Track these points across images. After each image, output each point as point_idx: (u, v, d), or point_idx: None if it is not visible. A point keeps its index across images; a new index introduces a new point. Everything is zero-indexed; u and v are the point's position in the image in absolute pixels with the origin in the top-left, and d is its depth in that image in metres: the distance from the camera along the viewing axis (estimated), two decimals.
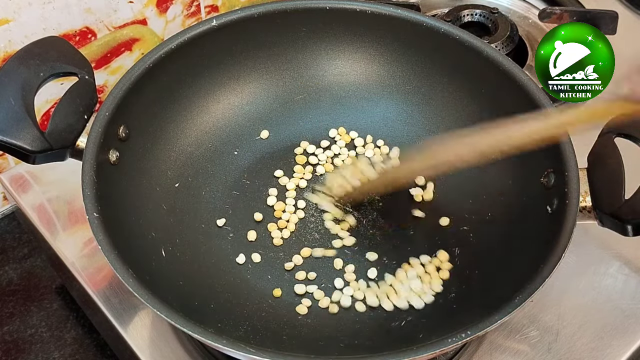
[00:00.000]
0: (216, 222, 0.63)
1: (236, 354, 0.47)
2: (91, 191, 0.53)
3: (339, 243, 0.63)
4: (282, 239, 0.63)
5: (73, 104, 0.57)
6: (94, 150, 0.55)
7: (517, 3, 0.85)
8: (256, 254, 0.62)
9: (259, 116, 0.69)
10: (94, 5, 0.73)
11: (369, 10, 0.66)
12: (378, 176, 0.64)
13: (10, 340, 0.72)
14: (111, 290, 0.63)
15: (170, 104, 0.65)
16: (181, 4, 0.80)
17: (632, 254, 0.66)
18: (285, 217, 0.64)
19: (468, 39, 0.64)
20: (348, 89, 0.70)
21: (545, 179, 0.57)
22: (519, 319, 0.61)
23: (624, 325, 0.61)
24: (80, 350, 0.72)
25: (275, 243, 0.63)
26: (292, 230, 0.64)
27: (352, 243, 0.62)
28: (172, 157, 0.65)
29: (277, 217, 0.64)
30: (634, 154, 0.54)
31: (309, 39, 0.69)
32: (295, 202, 0.65)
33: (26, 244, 0.79)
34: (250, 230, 0.63)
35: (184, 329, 0.47)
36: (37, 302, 0.75)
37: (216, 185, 0.66)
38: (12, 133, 0.54)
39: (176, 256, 0.59)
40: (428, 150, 0.58)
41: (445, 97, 0.67)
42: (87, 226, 0.51)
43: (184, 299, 0.56)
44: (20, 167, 0.72)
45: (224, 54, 0.67)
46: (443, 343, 0.47)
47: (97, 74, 0.65)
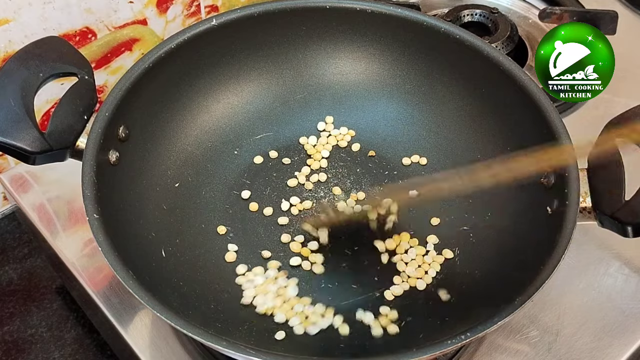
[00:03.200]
0: (216, 221, 0.63)
1: (236, 355, 0.47)
2: (91, 192, 0.53)
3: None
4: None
5: (73, 104, 0.57)
6: (94, 151, 0.55)
7: (517, 3, 0.85)
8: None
9: (259, 116, 0.69)
10: (94, 5, 0.73)
11: (369, 9, 0.66)
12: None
13: (10, 340, 0.72)
14: (111, 290, 0.63)
15: (170, 104, 0.65)
16: (181, 4, 0.80)
17: (632, 254, 0.66)
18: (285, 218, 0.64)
19: (468, 38, 0.64)
20: (348, 88, 0.70)
21: (545, 180, 0.57)
22: (519, 319, 0.61)
23: (624, 325, 0.62)
24: (80, 350, 0.72)
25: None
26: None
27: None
28: (172, 157, 0.65)
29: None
30: (634, 155, 0.54)
31: (309, 39, 0.69)
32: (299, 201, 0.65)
33: (26, 244, 0.79)
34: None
35: (184, 330, 0.47)
36: (37, 302, 0.75)
37: (216, 185, 0.66)
38: (12, 134, 0.54)
39: (176, 256, 0.59)
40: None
41: (445, 97, 0.67)
42: (87, 226, 0.51)
43: (184, 299, 0.56)
44: (20, 167, 0.72)
45: (224, 54, 0.67)
46: (443, 344, 0.47)
47: (97, 74, 0.66)
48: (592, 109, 0.76)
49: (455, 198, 0.65)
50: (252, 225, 0.64)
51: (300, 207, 0.65)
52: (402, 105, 0.69)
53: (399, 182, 0.66)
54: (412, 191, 0.65)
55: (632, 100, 0.58)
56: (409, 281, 0.60)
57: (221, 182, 0.66)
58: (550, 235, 0.52)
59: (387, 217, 0.63)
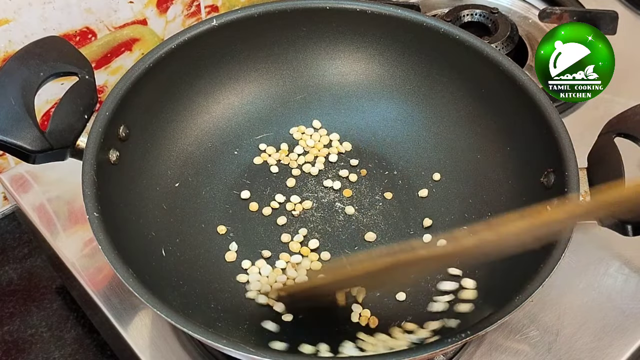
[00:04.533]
0: (216, 221, 0.63)
1: (236, 354, 0.47)
2: (91, 191, 0.53)
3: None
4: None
5: (73, 104, 0.57)
6: (94, 150, 0.55)
7: (517, 3, 0.85)
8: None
9: (259, 116, 0.69)
10: (94, 5, 0.73)
11: (369, 10, 0.66)
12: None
13: (10, 340, 0.72)
14: (111, 290, 0.63)
15: (170, 104, 0.65)
16: (181, 4, 0.80)
17: (632, 254, 0.66)
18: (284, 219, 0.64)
19: (468, 38, 0.64)
20: (348, 88, 0.70)
21: (545, 179, 0.57)
22: (519, 319, 0.61)
23: (624, 325, 0.61)
24: (80, 350, 0.72)
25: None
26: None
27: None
28: (172, 156, 0.65)
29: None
30: (634, 154, 0.54)
31: (309, 39, 0.69)
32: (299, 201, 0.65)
33: (26, 244, 0.79)
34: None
35: (184, 328, 0.47)
36: (37, 302, 0.75)
37: (216, 185, 0.66)
38: (13, 133, 0.54)
39: (176, 256, 0.59)
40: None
41: (445, 97, 0.67)
42: (87, 226, 0.51)
43: (183, 298, 0.56)
44: (20, 167, 0.72)
45: (224, 54, 0.67)
46: (443, 343, 0.47)
47: (97, 74, 0.65)
48: (592, 109, 0.76)
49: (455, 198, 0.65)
50: (252, 225, 0.64)
51: (300, 207, 0.65)
52: (402, 105, 0.69)
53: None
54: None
55: (632, 100, 0.58)
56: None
57: (221, 182, 0.66)
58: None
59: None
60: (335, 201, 0.66)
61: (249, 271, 0.61)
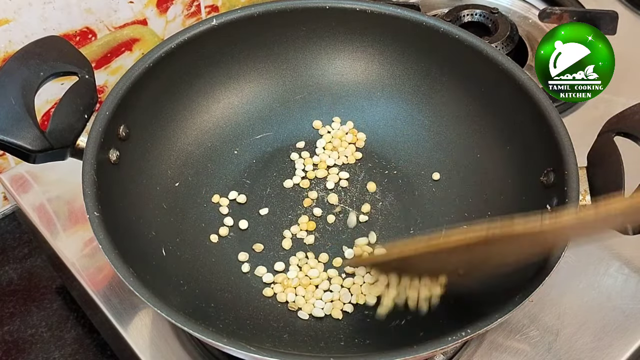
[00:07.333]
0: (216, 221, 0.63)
1: (237, 353, 0.47)
2: (91, 190, 0.53)
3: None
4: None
5: (73, 104, 0.57)
6: (94, 150, 0.55)
7: (517, 3, 0.85)
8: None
9: (259, 116, 0.69)
10: (94, 5, 0.73)
11: (368, 9, 0.66)
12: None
13: (10, 340, 0.72)
14: (111, 290, 0.63)
15: (170, 104, 0.65)
16: (181, 4, 0.80)
17: (632, 254, 0.66)
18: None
19: (468, 38, 0.64)
20: (348, 88, 0.70)
21: (545, 178, 0.57)
22: (519, 318, 0.61)
23: (624, 325, 0.62)
24: (80, 350, 0.72)
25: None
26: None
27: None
28: (172, 156, 0.65)
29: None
30: (633, 153, 0.54)
31: (309, 39, 0.69)
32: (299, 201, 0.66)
33: (26, 244, 0.79)
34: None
35: (185, 327, 0.47)
36: (38, 302, 0.75)
37: (216, 184, 0.66)
38: (13, 132, 0.54)
39: (176, 255, 0.59)
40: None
41: (445, 97, 0.67)
42: (87, 226, 0.51)
43: (184, 298, 0.56)
44: (20, 167, 0.72)
45: (224, 54, 0.67)
46: (443, 341, 0.47)
47: (97, 74, 0.66)
48: (592, 109, 0.76)
49: (455, 198, 0.65)
50: (252, 224, 0.64)
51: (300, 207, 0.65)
52: (402, 105, 0.69)
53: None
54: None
55: (632, 101, 0.58)
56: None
57: (221, 182, 0.66)
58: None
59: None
60: (334, 201, 0.65)
61: (249, 271, 0.61)
